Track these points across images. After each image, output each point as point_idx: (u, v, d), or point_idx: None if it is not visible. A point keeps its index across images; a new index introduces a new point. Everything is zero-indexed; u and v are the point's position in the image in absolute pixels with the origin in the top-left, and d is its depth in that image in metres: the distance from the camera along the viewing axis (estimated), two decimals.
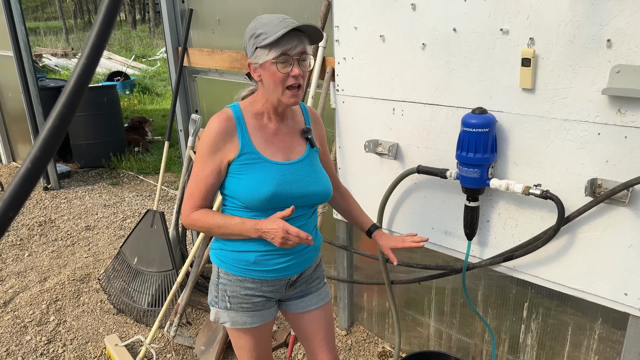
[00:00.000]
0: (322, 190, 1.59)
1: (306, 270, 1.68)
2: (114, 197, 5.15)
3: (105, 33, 0.51)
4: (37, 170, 0.50)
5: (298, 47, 1.43)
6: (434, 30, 1.90)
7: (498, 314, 2.21)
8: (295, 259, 1.59)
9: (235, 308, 1.62)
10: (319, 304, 1.74)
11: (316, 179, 1.58)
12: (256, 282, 1.59)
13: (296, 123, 1.63)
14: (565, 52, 1.61)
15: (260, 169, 1.51)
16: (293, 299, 1.72)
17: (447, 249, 2.14)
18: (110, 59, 15.82)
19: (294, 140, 1.60)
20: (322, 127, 1.73)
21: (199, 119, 3.06)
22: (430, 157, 2.06)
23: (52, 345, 2.82)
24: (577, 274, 1.78)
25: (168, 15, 3.07)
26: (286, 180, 1.51)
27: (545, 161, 1.74)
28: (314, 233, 1.67)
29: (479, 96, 1.85)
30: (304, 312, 1.72)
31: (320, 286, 1.75)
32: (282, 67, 1.43)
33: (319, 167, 1.63)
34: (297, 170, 1.55)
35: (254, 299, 1.61)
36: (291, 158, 1.56)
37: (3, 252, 3.99)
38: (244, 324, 1.63)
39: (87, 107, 5.95)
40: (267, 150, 1.53)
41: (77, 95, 0.52)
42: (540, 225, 1.83)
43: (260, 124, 1.55)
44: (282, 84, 1.45)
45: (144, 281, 3.04)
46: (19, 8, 4.84)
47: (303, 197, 1.54)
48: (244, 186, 1.50)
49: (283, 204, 1.50)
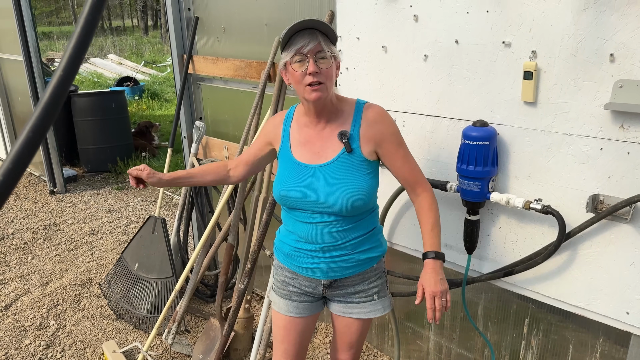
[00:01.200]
0: (334, 201, 1.51)
1: (343, 280, 1.64)
2: (119, 202, 5.16)
3: (83, 45, 0.50)
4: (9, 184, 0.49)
5: (310, 44, 1.44)
6: (436, 42, 1.89)
7: (499, 329, 2.17)
8: (323, 263, 1.60)
9: (276, 290, 1.75)
10: (359, 315, 1.70)
11: (333, 188, 1.51)
12: (292, 273, 1.69)
13: (339, 125, 1.57)
14: (567, 65, 1.59)
15: (284, 166, 1.60)
16: (336, 300, 1.72)
17: (447, 262, 2.11)
18: (121, 64, 15.98)
19: (330, 144, 1.56)
20: (385, 125, 1.56)
21: (202, 126, 3.06)
22: (431, 169, 2.04)
23: (50, 350, 2.82)
24: (578, 290, 1.74)
25: (174, 23, 3.08)
26: (298, 183, 1.55)
27: (547, 175, 1.72)
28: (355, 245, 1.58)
29: (481, 109, 1.83)
30: (340, 315, 1.73)
31: (365, 300, 1.67)
32: (298, 66, 1.47)
33: (346, 175, 1.52)
34: (317, 174, 1.55)
35: (290, 288, 1.70)
36: (317, 162, 1.56)
37: (7, 255, 4.01)
38: (280, 308, 1.73)
39: (95, 112, 6.00)
40: (298, 150, 1.59)
41: (52, 107, 0.51)
42: (541, 241, 1.80)
43: (302, 124, 1.61)
44: (301, 83, 1.47)
45: (144, 287, 3.03)
46: (30, 13, 4.90)
47: (312, 202, 1.54)
48: (275, 177, 1.64)
49: (298, 205, 1.57)
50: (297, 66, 1.46)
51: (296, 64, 1.46)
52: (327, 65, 1.47)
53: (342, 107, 1.58)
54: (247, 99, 2.89)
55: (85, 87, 12.51)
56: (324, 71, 1.46)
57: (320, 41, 1.45)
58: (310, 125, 1.59)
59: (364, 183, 1.55)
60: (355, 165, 1.54)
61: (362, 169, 1.55)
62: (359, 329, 1.75)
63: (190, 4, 3.07)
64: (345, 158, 1.54)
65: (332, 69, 1.48)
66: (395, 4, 1.98)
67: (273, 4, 2.61)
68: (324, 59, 1.46)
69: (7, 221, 4.68)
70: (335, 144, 1.56)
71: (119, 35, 29.89)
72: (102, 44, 23.05)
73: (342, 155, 1.54)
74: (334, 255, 1.59)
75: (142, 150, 6.63)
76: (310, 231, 1.58)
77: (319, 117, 1.57)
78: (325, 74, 1.46)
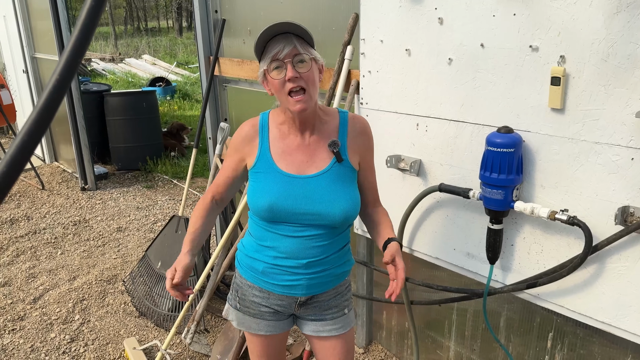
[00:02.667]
0: (334, 212, 1.45)
1: (319, 295, 1.59)
2: (147, 200, 5.25)
3: (80, 49, 0.50)
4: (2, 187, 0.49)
5: (286, 48, 1.35)
6: (461, 45, 1.85)
7: (521, 341, 2.10)
8: (303, 280, 1.52)
9: (242, 310, 1.63)
10: (333, 333, 1.62)
11: (331, 198, 1.45)
12: (264, 292, 1.57)
13: (326, 135, 1.51)
14: (598, 71, 1.53)
15: (267, 178, 1.48)
16: (306, 319, 1.64)
17: (468, 271, 2.06)
18: (155, 65, 16.31)
19: (318, 153, 1.50)
20: (368, 138, 1.58)
21: (227, 127, 3.08)
22: (453, 176, 1.99)
23: (74, 344, 2.88)
24: (605, 306, 1.67)
25: (201, 25, 3.11)
26: (290, 194, 1.44)
27: (574, 185, 1.65)
28: (336, 259, 1.55)
29: (506, 114, 1.77)
30: (316, 336, 1.65)
31: (337, 316, 1.62)
32: (277, 73, 1.38)
33: (341, 185, 1.48)
34: (308, 185, 1.46)
35: (262, 308, 1.60)
36: (306, 172, 1.48)
37: (38, 249, 4.13)
38: (249, 327, 1.64)
39: (127, 111, 6.12)
40: (282, 161, 1.49)
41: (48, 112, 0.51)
42: (566, 252, 1.73)
43: (282, 134, 1.51)
44: (282, 91, 1.39)
45: None
46: (66, 15, 5.04)
47: (309, 215, 1.45)
48: (250, 192, 1.50)
49: (286, 219, 1.46)
50: (275, 73, 1.37)
51: (274, 71, 1.38)
52: (307, 68, 1.38)
53: (325, 116, 1.53)
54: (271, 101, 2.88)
55: (119, 86, 12.82)
56: (304, 75, 1.37)
57: (295, 45, 1.37)
58: (294, 134, 1.50)
59: (356, 193, 1.52)
60: (346, 175, 1.51)
61: (352, 179, 1.52)
62: (342, 347, 1.64)
63: (217, 6, 3.10)
64: (337, 168, 1.49)
65: (312, 73, 1.39)
66: (420, 7, 1.94)
67: (298, 6, 2.60)
68: (303, 62, 1.37)
69: (40, 216, 4.82)
70: (323, 154, 1.49)
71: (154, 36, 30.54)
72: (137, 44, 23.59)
73: (334, 165, 1.49)
74: (316, 271, 1.51)
75: (171, 150, 6.73)
76: (296, 246, 1.48)
77: (304, 126, 1.49)
78: (306, 79, 1.37)
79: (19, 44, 6.15)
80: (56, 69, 0.50)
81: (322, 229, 1.49)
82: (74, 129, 5.39)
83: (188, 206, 5.01)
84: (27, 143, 0.50)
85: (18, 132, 0.48)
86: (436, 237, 2.14)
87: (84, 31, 0.49)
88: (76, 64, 0.50)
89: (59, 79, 0.50)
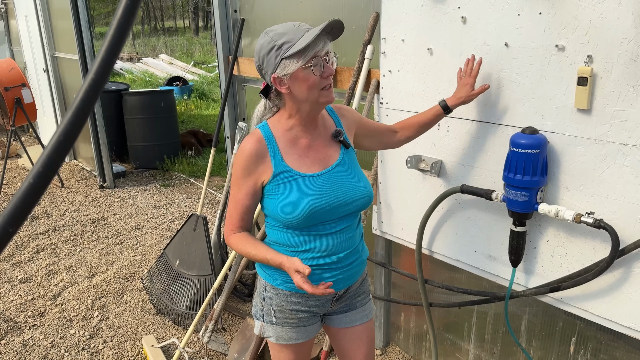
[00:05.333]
0: (362, 195, 1.54)
1: (353, 285, 1.64)
2: (164, 199, 5.29)
3: (116, 48, 0.49)
4: (40, 186, 0.48)
5: (325, 47, 1.41)
6: (485, 44, 1.82)
7: (542, 345, 2.07)
8: (342, 273, 1.55)
9: (281, 323, 1.60)
10: (363, 320, 1.70)
11: (354, 184, 1.53)
12: (302, 297, 1.57)
13: (328, 129, 1.58)
14: (627, 71, 1.49)
15: (296, 185, 1.47)
16: (337, 313, 1.68)
17: (490, 274, 2.03)
18: (172, 64, 16.44)
19: (329, 148, 1.56)
20: (352, 112, 1.69)
21: (245, 126, 3.09)
22: (475, 177, 1.97)
23: (93, 341, 2.91)
24: (632, 311, 1.63)
25: (220, 25, 3.12)
26: (323, 192, 1.48)
27: (600, 187, 1.62)
28: (361, 245, 1.63)
29: (530, 115, 1.75)
30: (347, 327, 1.69)
31: (365, 302, 1.71)
32: (317, 70, 1.40)
33: (356, 170, 1.58)
34: (334, 178, 1.51)
35: (300, 314, 1.60)
36: (327, 166, 1.52)
37: (57, 246, 4.19)
38: (289, 339, 1.61)
39: (145, 110, 6.18)
40: (303, 165, 1.49)
41: (83, 112, 0.51)
42: (591, 256, 1.70)
43: (292, 139, 1.51)
44: (317, 87, 1.42)
45: (184, 284, 3.08)
46: (86, 14, 5.10)
47: (343, 205, 1.50)
48: (281, 205, 1.47)
49: (324, 218, 1.49)
50: (317, 69, 1.40)
51: (315, 67, 1.40)
52: (335, 65, 1.48)
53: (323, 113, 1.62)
54: None
55: (137, 85, 12.95)
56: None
57: (328, 43, 1.43)
58: (304, 137, 1.52)
59: (363, 172, 1.63)
60: (354, 158, 1.61)
61: (356, 161, 1.62)
62: (368, 335, 1.72)
63: (236, 5, 3.10)
64: (346, 154, 1.57)
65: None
66: (443, 5, 1.92)
67: (317, 5, 2.60)
68: (332, 60, 1.46)
69: (60, 213, 4.89)
70: (332, 145, 1.56)
71: (171, 35, 30.79)
72: (154, 44, 23.81)
73: (344, 152, 1.57)
74: (350, 262, 1.56)
75: (189, 148, 6.77)
76: (333, 241, 1.52)
77: (315, 124, 1.54)
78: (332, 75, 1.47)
79: (40, 43, 6.24)
80: (92, 67, 0.49)
81: (350, 219, 1.54)
82: (93, 127, 5.46)
83: (205, 204, 5.04)
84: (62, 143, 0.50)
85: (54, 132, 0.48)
86: (457, 239, 2.11)
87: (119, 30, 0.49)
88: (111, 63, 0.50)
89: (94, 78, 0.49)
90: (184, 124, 8.72)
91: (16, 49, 7.99)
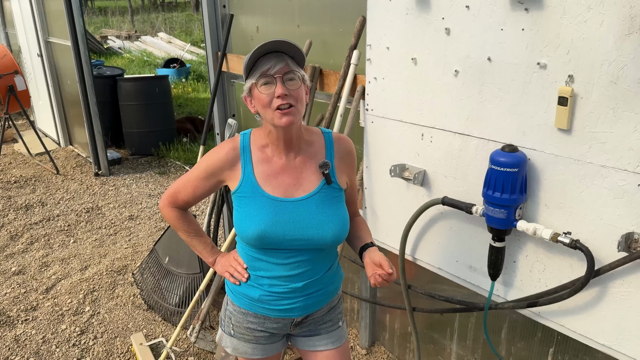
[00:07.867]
0: (325, 236, 1.44)
1: (314, 313, 1.60)
2: (159, 187, 5.30)
3: None
4: None
5: (277, 65, 1.34)
6: (468, 57, 1.80)
7: (521, 356, 2.10)
8: (301, 301, 1.52)
9: (237, 336, 1.62)
10: (329, 347, 1.64)
11: (320, 222, 1.43)
12: (259, 317, 1.57)
13: (312, 155, 1.49)
14: (606, 93, 1.47)
15: (254, 203, 1.44)
16: (301, 335, 1.67)
17: (471, 284, 2.04)
18: (170, 43, 16.26)
19: (306, 175, 1.47)
20: (354, 158, 1.59)
21: (234, 124, 3.07)
22: (457, 189, 1.96)
23: (84, 337, 2.96)
24: (606, 329, 1.65)
25: (209, 20, 3.08)
26: (280, 220, 1.41)
27: (579, 207, 1.62)
28: (327, 276, 1.56)
29: (512, 131, 1.73)
30: (312, 350, 1.67)
31: (332, 329, 1.65)
32: (265, 88, 1.35)
33: (330, 207, 1.47)
34: (298, 209, 1.43)
35: (257, 333, 1.60)
36: (294, 195, 1.45)
37: (51, 237, 4.21)
38: (244, 353, 1.62)
39: (139, 96, 6.14)
40: (268, 184, 1.45)
41: None
42: (569, 273, 1.71)
43: (265, 157, 1.47)
44: (269, 106, 1.36)
45: (173, 281, 3.11)
46: (78, 1, 5.02)
47: (299, 240, 1.43)
48: (237, 219, 1.47)
49: (276, 245, 1.44)
50: (264, 88, 1.35)
51: (263, 86, 1.35)
52: (296, 86, 1.37)
53: (309, 137, 1.51)
54: None
55: (135, 65, 12.83)
56: (293, 92, 1.36)
57: (287, 62, 1.36)
58: (278, 156, 1.46)
59: (345, 213, 1.51)
60: (335, 196, 1.49)
61: (340, 199, 1.51)
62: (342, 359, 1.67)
63: (225, 1, 3.05)
64: (326, 189, 1.48)
65: (301, 91, 1.38)
66: (427, 15, 1.89)
67: (304, 3, 2.55)
68: (293, 80, 1.36)
69: (54, 202, 4.91)
70: (311, 175, 1.47)
71: (170, 11, 30.38)
72: (153, 20, 23.52)
73: (323, 187, 1.47)
74: (312, 292, 1.52)
75: (184, 134, 6.75)
76: (290, 272, 1.48)
77: (289, 147, 1.45)
78: (295, 96, 1.36)
79: (33, 27, 6.17)
80: None
81: (310, 254, 1.48)
82: (86, 114, 5.43)
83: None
84: None
85: None
86: (439, 248, 2.12)
87: None
88: None
89: None
90: (181, 107, 8.68)
91: (11, 32, 7.91)
